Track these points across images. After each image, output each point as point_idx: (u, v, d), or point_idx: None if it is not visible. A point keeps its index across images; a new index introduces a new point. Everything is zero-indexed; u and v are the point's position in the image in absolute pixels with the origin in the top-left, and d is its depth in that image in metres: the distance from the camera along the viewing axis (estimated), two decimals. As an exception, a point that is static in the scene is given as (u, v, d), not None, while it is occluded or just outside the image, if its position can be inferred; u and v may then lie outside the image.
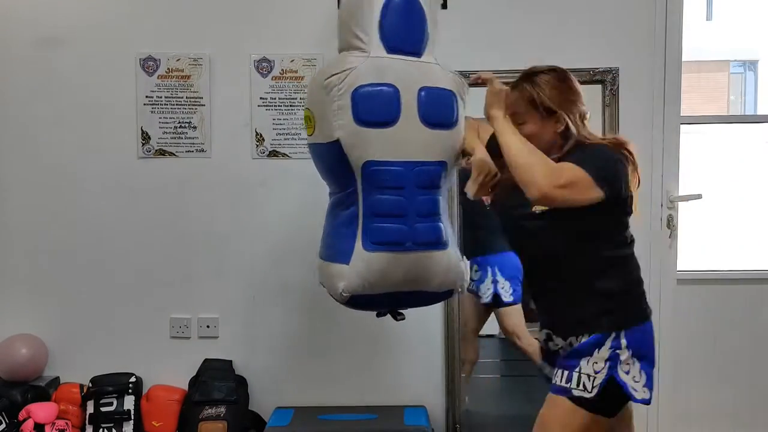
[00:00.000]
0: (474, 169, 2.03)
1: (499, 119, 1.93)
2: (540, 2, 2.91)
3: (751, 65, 7.10)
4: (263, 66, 2.90)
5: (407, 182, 2.01)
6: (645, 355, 1.86)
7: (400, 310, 2.19)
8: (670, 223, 2.96)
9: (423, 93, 2.02)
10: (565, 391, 1.84)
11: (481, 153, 2.05)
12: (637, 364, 1.84)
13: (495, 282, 3.11)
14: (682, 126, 2.96)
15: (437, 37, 2.15)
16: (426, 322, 2.93)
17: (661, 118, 2.92)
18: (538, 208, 1.89)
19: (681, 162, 2.96)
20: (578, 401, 1.82)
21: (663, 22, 2.90)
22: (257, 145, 2.92)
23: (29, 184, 2.96)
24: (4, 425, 2.72)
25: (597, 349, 1.84)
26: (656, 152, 2.92)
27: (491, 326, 3.26)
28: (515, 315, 3.11)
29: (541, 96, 1.91)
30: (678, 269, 2.99)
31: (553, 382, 1.89)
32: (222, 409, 2.79)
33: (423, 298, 2.17)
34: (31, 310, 2.98)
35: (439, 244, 2.07)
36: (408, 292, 2.10)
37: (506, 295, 3.11)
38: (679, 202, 2.96)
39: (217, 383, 2.84)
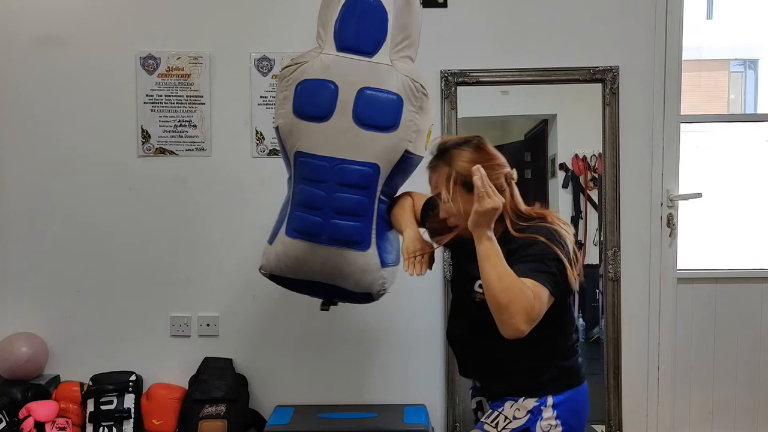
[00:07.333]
0: (403, 251, 1.93)
1: (483, 241, 1.67)
2: (540, 1, 2.91)
3: (752, 64, 7.07)
4: (263, 65, 2.90)
5: (329, 177, 2.03)
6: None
7: (336, 300, 2.23)
8: (670, 222, 2.96)
9: (362, 93, 2.02)
10: (480, 425, 1.83)
11: (410, 232, 1.97)
12: (560, 429, 1.78)
13: None
14: (682, 125, 2.96)
15: (416, 40, 2.13)
16: (426, 322, 2.94)
17: (661, 116, 2.93)
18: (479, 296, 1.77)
19: (681, 161, 2.97)
20: None
21: (663, 21, 2.90)
22: (257, 144, 2.92)
23: (29, 182, 2.96)
24: (4, 423, 2.72)
25: (524, 398, 1.80)
26: (656, 151, 2.93)
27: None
28: None
29: (458, 171, 1.79)
30: (678, 268, 2.99)
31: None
32: (222, 408, 2.80)
33: (342, 293, 2.17)
34: (31, 308, 2.98)
35: (354, 243, 2.05)
36: (326, 283, 2.13)
37: None
38: (679, 201, 2.97)
39: (217, 382, 2.85)
